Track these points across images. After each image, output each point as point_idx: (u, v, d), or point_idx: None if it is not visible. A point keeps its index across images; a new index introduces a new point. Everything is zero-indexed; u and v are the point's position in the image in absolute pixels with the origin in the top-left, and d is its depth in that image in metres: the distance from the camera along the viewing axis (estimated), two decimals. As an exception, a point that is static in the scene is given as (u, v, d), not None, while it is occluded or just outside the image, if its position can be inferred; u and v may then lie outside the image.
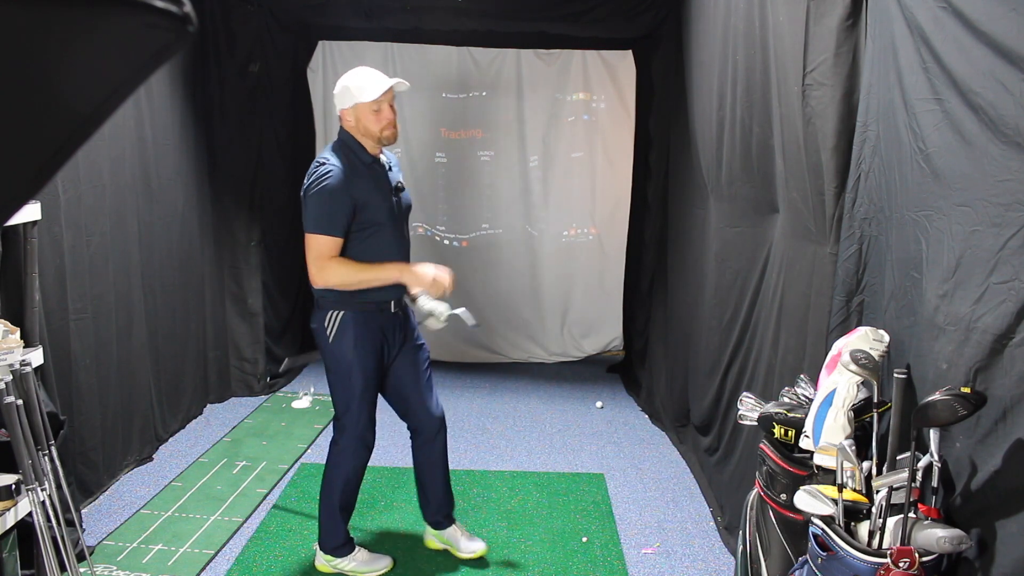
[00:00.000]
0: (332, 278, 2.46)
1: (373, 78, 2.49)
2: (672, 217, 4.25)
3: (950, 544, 1.42)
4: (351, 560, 2.78)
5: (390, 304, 2.61)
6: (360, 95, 2.46)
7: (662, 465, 3.83)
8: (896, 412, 1.64)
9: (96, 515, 3.10)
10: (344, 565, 2.77)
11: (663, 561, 2.93)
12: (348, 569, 2.77)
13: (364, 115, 2.48)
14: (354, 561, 2.78)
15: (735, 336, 3.06)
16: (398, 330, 2.67)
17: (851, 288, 2.07)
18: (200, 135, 4.24)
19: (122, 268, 3.44)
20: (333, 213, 2.43)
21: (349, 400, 2.63)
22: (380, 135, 2.50)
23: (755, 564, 2.06)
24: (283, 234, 4.94)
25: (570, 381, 5.10)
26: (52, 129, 0.42)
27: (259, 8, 4.39)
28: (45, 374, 2.75)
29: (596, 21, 4.46)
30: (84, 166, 3.10)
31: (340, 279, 2.47)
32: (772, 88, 2.50)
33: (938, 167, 1.63)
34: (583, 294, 5.52)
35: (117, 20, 0.38)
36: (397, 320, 2.66)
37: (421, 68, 5.13)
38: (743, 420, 2.14)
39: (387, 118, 2.48)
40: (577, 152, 5.33)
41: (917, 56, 1.70)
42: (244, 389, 4.62)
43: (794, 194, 2.42)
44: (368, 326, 2.57)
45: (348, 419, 2.66)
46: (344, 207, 2.44)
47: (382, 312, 2.60)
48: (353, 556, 2.78)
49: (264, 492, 3.38)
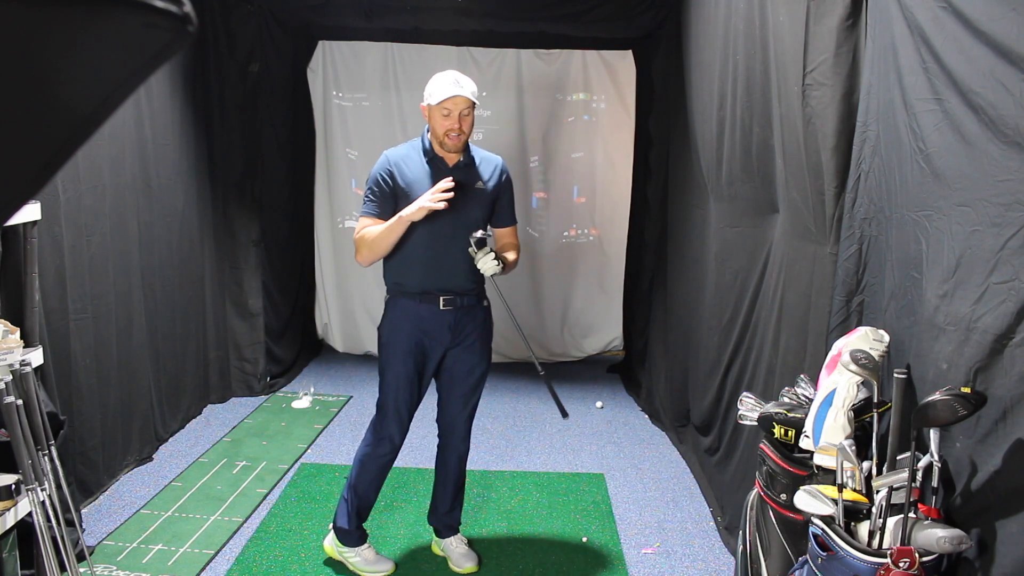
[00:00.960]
0: (359, 249, 2.61)
1: (443, 84, 2.55)
2: (672, 217, 4.25)
3: (950, 544, 1.42)
4: (356, 554, 2.78)
5: (433, 296, 2.62)
6: (429, 97, 2.57)
7: (662, 465, 3.83)
8: (896, 412, 1.64)
9: (96, 515, 3.10)
10: (348, 555, 2.79)
11: (663, 561, 2.93)
12: (351, 561, 2.78)
13: (432, 116, 2.58)
14: (358, 556, 2.78)
15: (735, 336, 3.06)
16: (445, 329, 2.66)
17: (851, 288, 2.07)
18: (200, 135, 4.24)
19: (122, 268, 3.44)
20: (371, 195, 2.62)
21: (382, 386, 2.71)
22: (441, 138, 2.58)
23: (755, 564, 2.06)
24: (283, 234, 4.94)
25: (570, 381, 5.10)
26: (52, 129, 0.42)
27: (259, 8, 4.39)
28: (45, 374, 2.75)
29: (596, 21, 4.46)
30: (84, 166, 3.10)
31: (362, 247, 2.60)
32: (772, 88, 2.50)
33: (938, 167, 1.63)
34: (583, 294, 5.52)
35: (117, 20, 0.38)
36: (444, 318, 2.64)
37: (421, 68, 5.13)
38: (743, 420, 2.14)
39: (450, 125, 2.54)
40: (577, 152, 5.34)
41: (917, 56, 1.70)
42: (244, 389, 4.62)
43: (794, 194, 2.42)
44: (407, 315, 2.64)
45: (379, 404, 2.73)
46: (382, 191, 2.61)
47: (423, 303, 2.63)
48: (359, 551, 2.79)
49: (264, 492, 3.38)
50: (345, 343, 5.61)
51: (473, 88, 2.57)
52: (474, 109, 2.60)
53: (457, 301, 2.65)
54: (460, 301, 2.65)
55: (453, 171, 2.62)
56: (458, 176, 2.60)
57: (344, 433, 4.14)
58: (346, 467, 3.67)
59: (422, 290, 2.63)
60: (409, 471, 3.66)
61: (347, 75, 5.23)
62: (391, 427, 2.70)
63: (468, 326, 2.70)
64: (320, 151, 5.35)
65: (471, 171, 2.67)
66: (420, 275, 2.62)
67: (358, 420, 4.34)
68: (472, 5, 4.40)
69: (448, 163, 2.64)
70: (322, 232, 5.47)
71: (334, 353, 5.61)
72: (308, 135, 5.24)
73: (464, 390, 2.76)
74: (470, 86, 2.56)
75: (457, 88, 2.52)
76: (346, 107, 5.27)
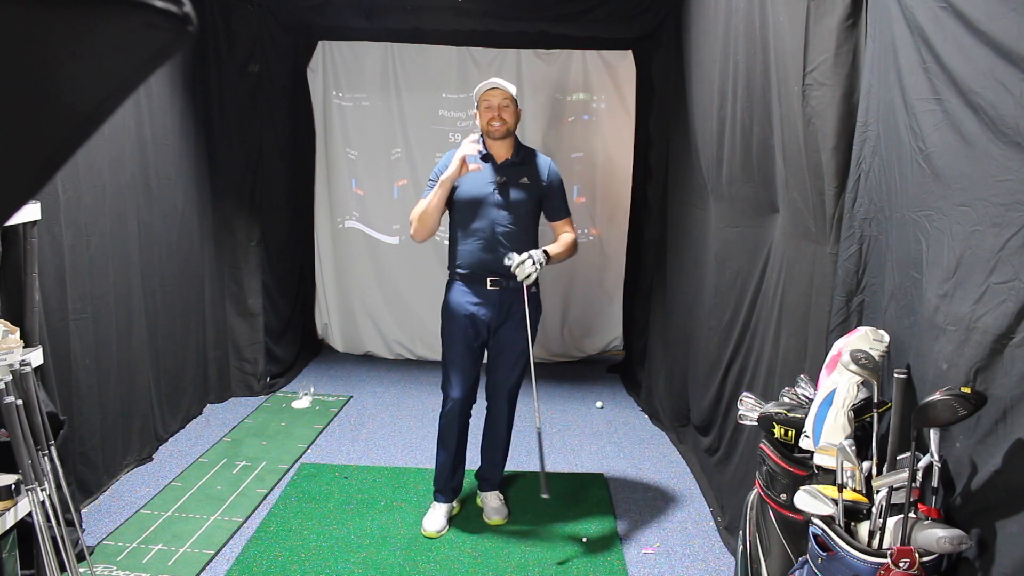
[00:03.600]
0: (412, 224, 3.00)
1: (482, 83, 2.98)
2: (672, 217, 4.25)
3: (950, 544, 1.42)
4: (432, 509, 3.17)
5: (481, 278, 2.97)
6: (475, 99, 3.01)
7: (662, 465, 3.83)
8: (896, 412, 1.64)
9: (96, 515, 3.10)
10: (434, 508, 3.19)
11: (663, 561, 2.93)
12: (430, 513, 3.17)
13: (479, 113, 3.00)
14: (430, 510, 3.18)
15: (735, 336, 3.06)
16: (494, 308, 3.00)
17: (851, 288, 2.07)
18: (200, 135, 4.24)
19: (122, 268, 3.44)
20: (431, 181, 3.02)
21: (443, 354, 3.10)
22: (486, 128, 2.97)
23: (755, 564, 2.06)
24: (283, 234, 4.94)
25: (570, 381, 5.10)
26: (52, 129, 0.42)
27: (259, 8, 4.39)
28: (45, 374, 2.75)
29: (596, 21, 4.46)
30: (84, 166, 3.10)
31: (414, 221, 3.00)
32: (772, 88, 2.50)
33: (938, 167, 1.63)
34: (583, 294, 5.52)
35: (117, 20, 0.38)
36: (493, 298, 2.99)
37: (421, 68, 5.13)
38: (743, 420, 2.14)
39: (491, 115, 2.94)
40: (577, 152, 5.34)
41: (917, 56, 1.70)
42: (244, 389, 4.62)
43: (794, 194, 2.42)
44: (460, 293, 3.01)
45: (443, 370, 3.10)
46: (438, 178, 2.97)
47: (473, 283, 2.99)
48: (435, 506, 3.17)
49: (264, 492, 3.38)
50: (345, 343, 5.61)
51: (511, 86, 2.95)
52: (515, 105, 2.98)
53: (503, 283, 2.96)
54: (506, 283, 2.96)
55: (502, 168, 3.00)
56: (506, 172, 2.99)
57: (344, 433, 4.14)
58: (346, 467, 3.69)
59: (472, 271, 2.98)
60: (409, 471, 3.66)
61: (347, 75, 5.23)
62: (451, 386, 3.05)
63: (514, 306, 3.00)
64: (320, 151, 5.35)
65: (519, 168, 3.02)
66: (472, 258, 2.98)
67: (358, 420, 4.34)
68: (472, 5, 4.40)
69: (498, 160, 3.01)
70: (322, 232, 5.47)
71: (334, 353, 5.61)
72: (308, 135, 5.23)
73: (508, 361, 3.08)
74: (507, 83, 2.96)
75: (493, 83, 2.94)
76: (346, 107, 5.27)
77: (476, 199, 2.96)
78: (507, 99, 2.94)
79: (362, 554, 2.90)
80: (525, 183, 3.01)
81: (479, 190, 2.97)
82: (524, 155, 3.05)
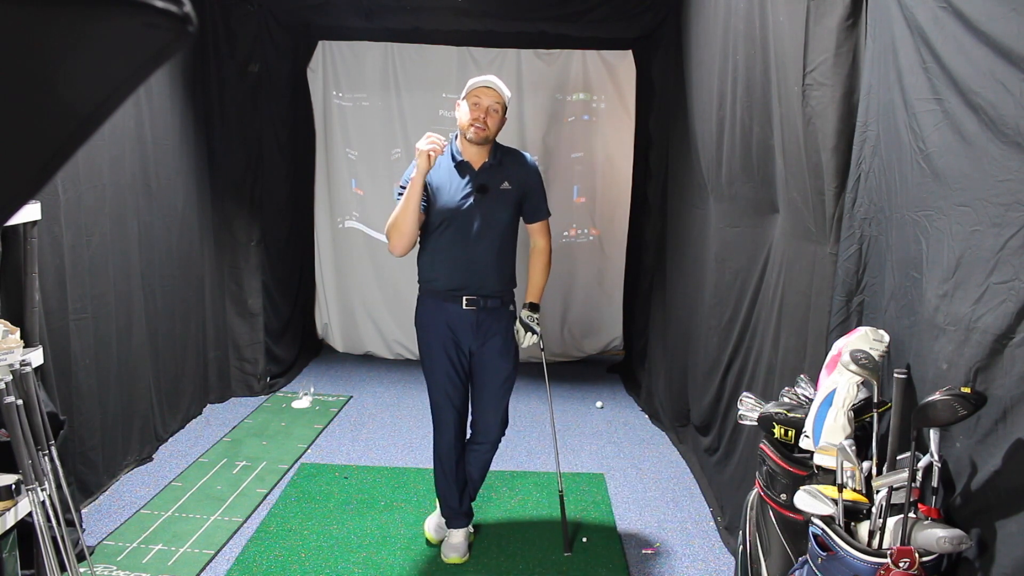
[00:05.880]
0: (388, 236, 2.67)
1: (477, 78, 2.67)
2: (672, 217, 4.25)
3: (950, 544, 1.42)
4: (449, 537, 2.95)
5: (456, 296, 2.69)
6: (467, 89, 2.68)
7: (662, 465, 3.83)
8: (896, 412, 1.64)
9: (96, 515, 3.10)
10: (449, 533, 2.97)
11: (663, 561, 2.93)
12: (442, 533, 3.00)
13: (462, 108, 2.67)
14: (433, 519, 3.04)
15: (735, 336, 3.06)
16: (471, 331, 2.73)
17: (851, 288, 2.07)
18: (200, 135, 4.24)
19: (122, 268, 3.44)
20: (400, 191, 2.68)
21: (426, 377, 2.82)
22: (465, 129, 2.65)
23: (755, 564, 2.06)
24: (283, 234, 4.94)
25: (570, 381, 5.10)
26: (52, 129, 0.42)
27: (259, 8, 4.39)
28: (45, 374, 2.75)
29: (596, 21, 4.46)
30: (84, 166, 3.10)
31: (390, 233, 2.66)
32: (772, 88, 2.50)
33: (938, 167, 1.63)
34: (583, 294, 5.52)
35: (117, 20, 0.38)
36: (469, 319, 2.71)
37: (421, 68, 5.13)
38: (743, 420, 2.14)
39: (476, 115, 2.62)
40: (577, 152, 5.34)
41: (917, 56, 1.70)
42: (244, 389, 4.62)
43: (794, 194, 2.42)
44: (433, 313, 2.74)
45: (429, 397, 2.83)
46: None
47: (447, 302, 2.71)
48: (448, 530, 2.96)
49: (264, 492, 3.38)
50: (345, 343, 5.61)
51: (506, 90, 2.67)
52: (504, 113, 2.68)
53: (480, 303, 2.70)
54: (483, 303, 2.71)
55: (479, 174, 2.68)
56: (484, 178, 2.67)
57: (344, 433, 4.14)
58: (346, 467, 3.69)
59: (447, 288, 2.70)
60: (409, 471, 3.66)
61: (347, 75, 5.23)
62: (443, 415, 2.81)
63: (492, 327, 2.75)
64: (320, 151, 5.35)
65: (497, 173, 2.71)
66: (446, 274, 2.69)
67: (358, 420, 4.34)
68: (472, 5, 4.40)
69: (474, 166, 2.69)
70: (322, 232, 5.47)
71: (334, 353, 5.61)
72: (308, 135, 5.24)
73: (493, 392, 2.82)
74: (503, 86, 2.67)
75: (488, 81, 2.64)
76: (346, 107, 5.27)
77: (450, 209, 2.65)
78: (498, 103, 2.64)
79: (362, 554, 2.90)
80: (506, 188, 2.70)
81: (454, 201, 2.66)
82: (502, 156, 2.73)
